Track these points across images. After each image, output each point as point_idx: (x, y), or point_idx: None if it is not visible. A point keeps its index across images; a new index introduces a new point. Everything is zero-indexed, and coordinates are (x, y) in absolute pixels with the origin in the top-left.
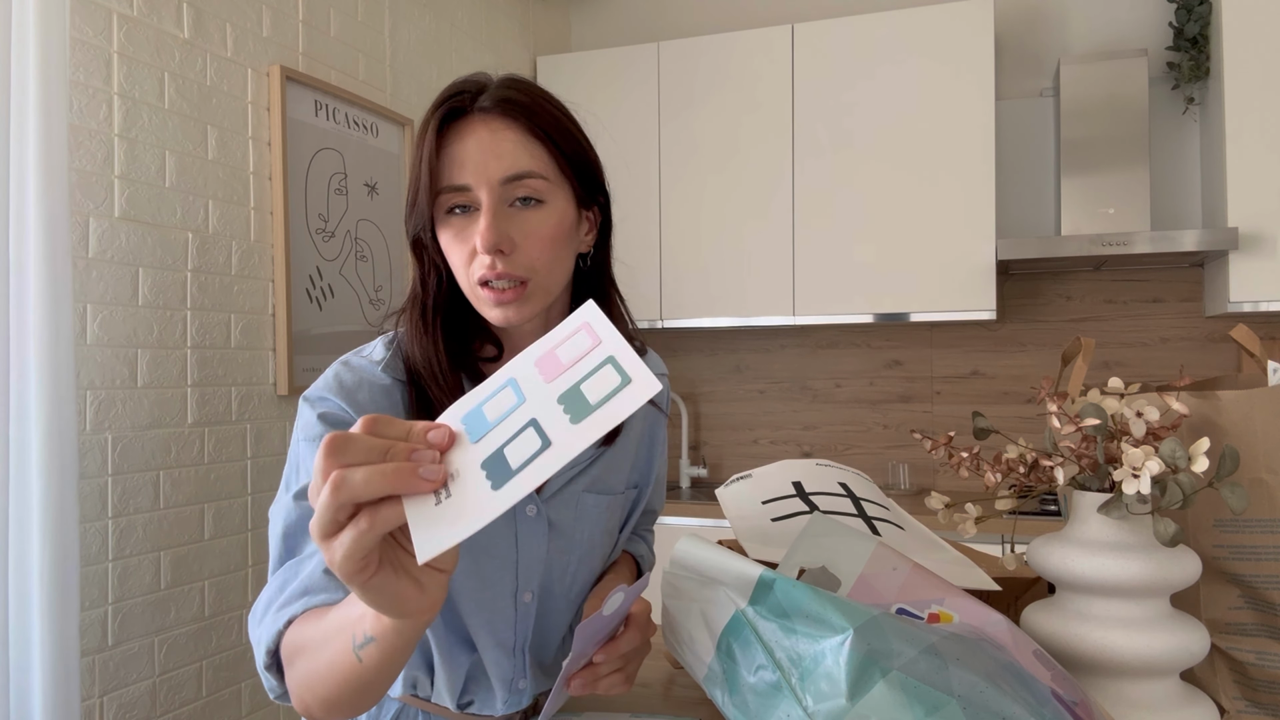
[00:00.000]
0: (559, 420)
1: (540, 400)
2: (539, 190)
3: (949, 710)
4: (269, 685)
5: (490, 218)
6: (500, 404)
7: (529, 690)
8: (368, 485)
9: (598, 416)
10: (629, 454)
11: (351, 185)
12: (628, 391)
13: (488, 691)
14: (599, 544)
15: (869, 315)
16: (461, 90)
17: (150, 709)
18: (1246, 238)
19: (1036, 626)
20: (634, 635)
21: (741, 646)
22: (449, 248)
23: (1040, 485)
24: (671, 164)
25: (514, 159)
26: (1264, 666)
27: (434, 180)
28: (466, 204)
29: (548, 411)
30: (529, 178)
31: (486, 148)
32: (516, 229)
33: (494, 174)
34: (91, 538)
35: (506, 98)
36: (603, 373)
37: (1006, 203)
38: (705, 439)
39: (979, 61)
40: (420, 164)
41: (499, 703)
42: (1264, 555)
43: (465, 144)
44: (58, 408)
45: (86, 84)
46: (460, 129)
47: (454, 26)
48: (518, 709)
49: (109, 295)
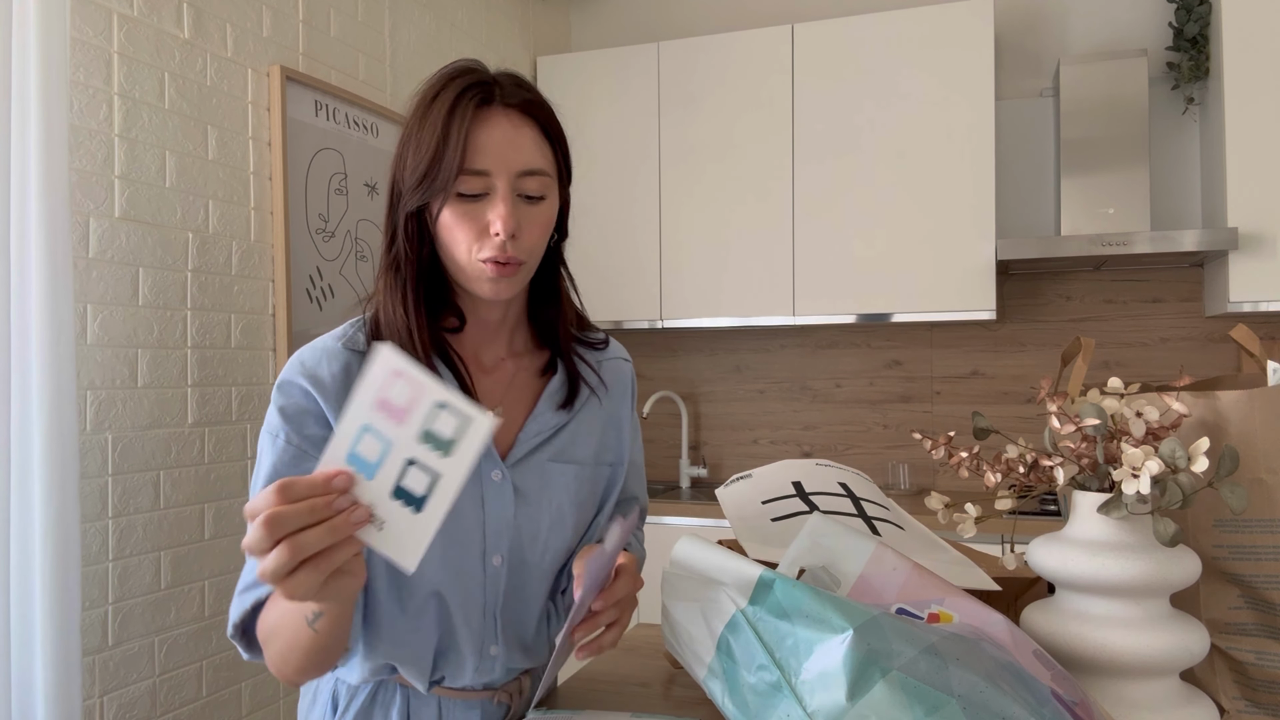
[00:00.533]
0: (432, 456)
1: (405, 441)
2: (544, 186)
3: (949, 710)
4: (240, 649)
5: (509, 205)
6: (370, 447)
7: (501, 660)
8: (318, 542)
9: (463, 447)
10: (594, 429)
11: (352, 185)
12: (473, 428)
13: (458, 660)
14: (569, 514)
15: (869, 315)
16: (481, 78)
17: (150, 709)
18: (1246, 238)
19: (1036, 626)
20: (628, 580)
21: (741, 646)
22: (453, 224)
23: (1040, 485)
24: (671, 164)
25: (530, 155)
26: (1264, 666)
27: (463, 160)
28: (481, 190)
29: (418, 450)
30: (539, 174)
31: (510, 140)
32: (522, 218)
33: (513, 166)
34: (92, 538)
35: (529, 99)
36: (442, 415)
37: (1006, 203)
38: (705, 439)
39: (979, 61)
40: (445, 142)
41: (469, 669)
42: (1263, 555)
43: (490, 133)
44: (58, 408)
45: (87, 84)
46: (485, 117)
47: (454, 27)
48: (489, 680)
49: (109, 295)
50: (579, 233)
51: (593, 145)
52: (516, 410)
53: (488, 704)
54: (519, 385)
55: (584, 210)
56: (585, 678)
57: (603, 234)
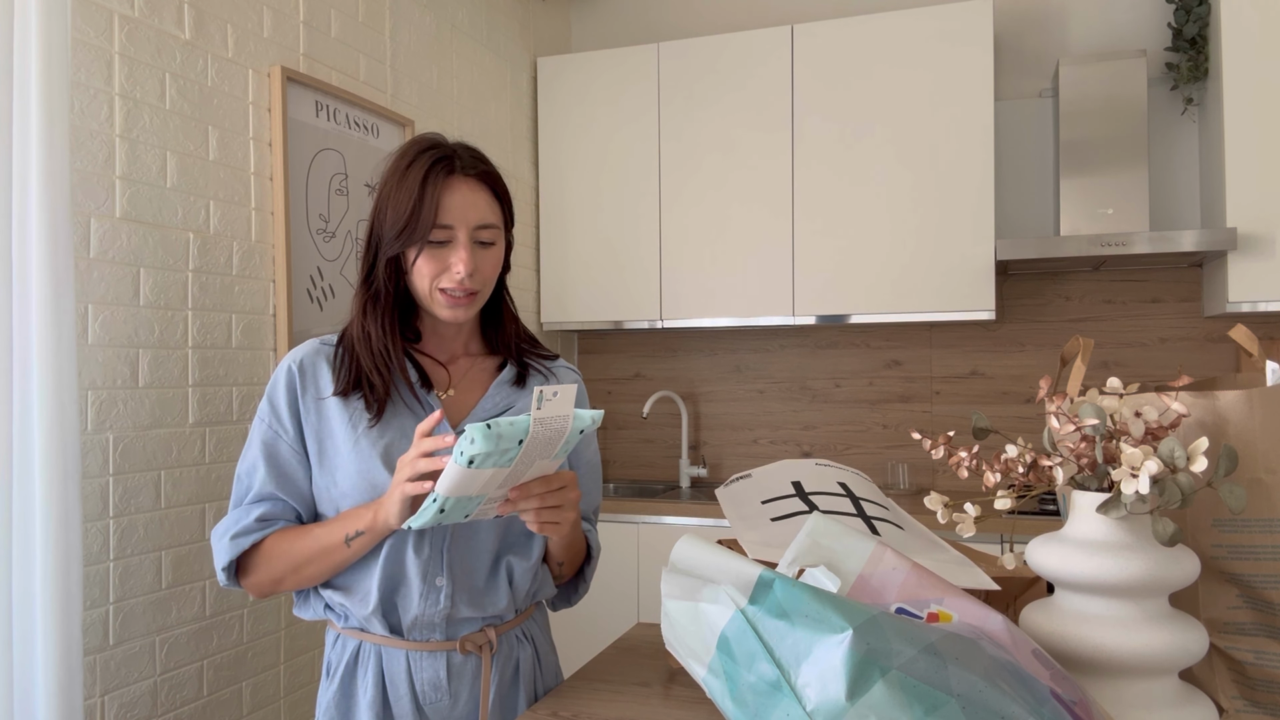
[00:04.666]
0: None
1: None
2: (495, 235)
3: (948, 709)
4: (221, 576)
5: (469, 251)
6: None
7: (446, 593)
8: (430, 467)
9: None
10: None
11: (352, 186)
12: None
13: (406, 590)
14: None
15: (868, 315)
16: (445, 152)
17: (151, 708)
18: (1245, 238)
19: (1035, 626)
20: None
21: (741, 646)
22: (422, 265)
23: (1039, 485)
24: (671, 164)
25: (483, 213)
26: (1262, 666)
27: (435, 216)
28: (446, 239)
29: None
30: (491, 228)
31: (469, 202)
32: (479, 260)
33: (471, 221)
34: (93, 537)
35: (485, 170)
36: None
37: (1006, 203)
38: (705, 439)
39: (978, 62)
40: (420, 203)
41: (415, 595)
42: (1262, 555)
43: (454, 196)
44: (59, 408)
45: (88, 84)
46: (450, 183)
47: (454, 27)
48: (435, 610)
49: (110, 295)
50: (580, 233)
51: (593, 145)
52: (472, 393)
53: (454, 655)
54: (474, 374)
55: (584, 210)
56: (586, 677)
57: (603, 234)
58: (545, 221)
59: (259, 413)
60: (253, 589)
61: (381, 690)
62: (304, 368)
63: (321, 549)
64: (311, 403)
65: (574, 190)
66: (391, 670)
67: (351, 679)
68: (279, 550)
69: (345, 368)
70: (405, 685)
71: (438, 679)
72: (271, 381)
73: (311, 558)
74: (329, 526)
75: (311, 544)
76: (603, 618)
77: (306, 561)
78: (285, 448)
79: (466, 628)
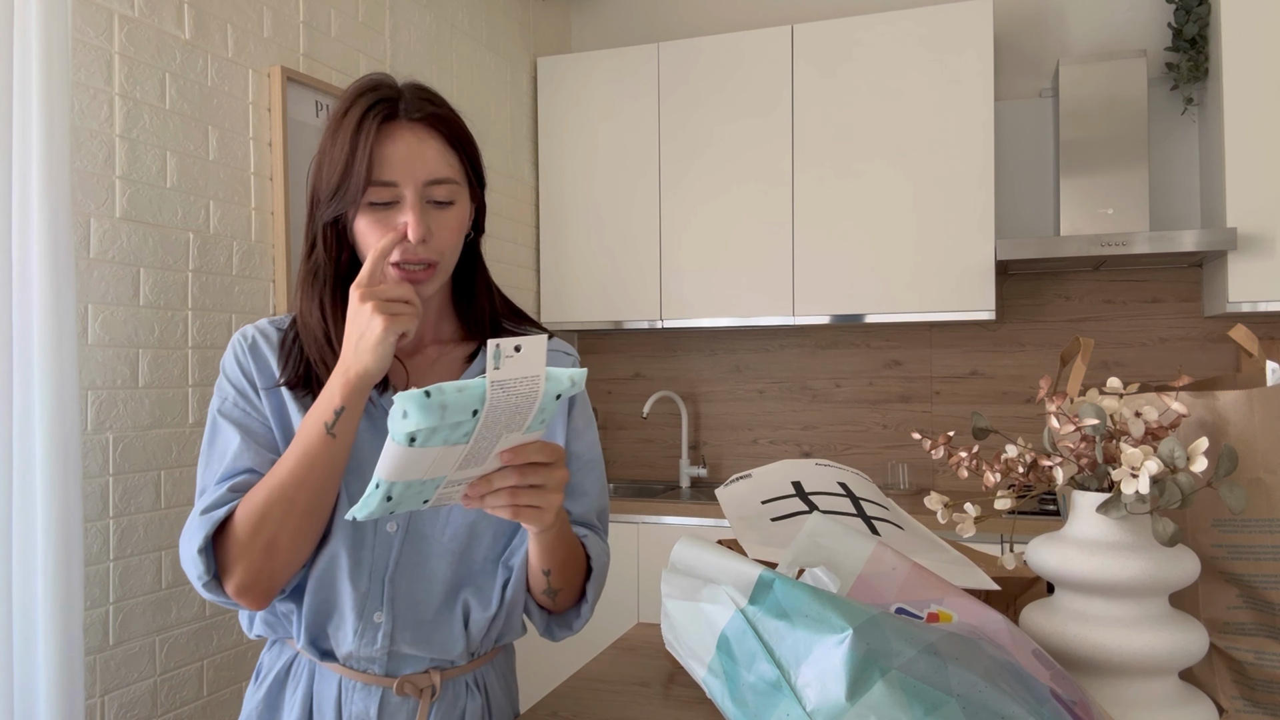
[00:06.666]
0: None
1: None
2: (452, 192)
3: (948, 710)
4: (199, 571)
5: (418, 213)
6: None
7: (385, 631)
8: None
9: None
10: None
11: None
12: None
13: (339, 620)
14: None
15: (868, 315)
16: (386, 94)
17: (151, 708)
18: (1245, 238)
19: (1035, 626)
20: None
21: (741, 646)
22: (366, 232)
23: (1039, 485)
24: (671, 164)
25: (435, 166)
26: (1262, 666)
27: (369, 173)
28: (391, 199)
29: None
30: (446, 183)
31: (414, 153)
32: (433, 222)
33: (420, 176)
34: (93, 537)
35: (434, 112)
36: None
37: (1006, 203)
38: (705, 439)
39: (978, 62)
40: (353, 156)
41: (349, 631)
42: (1262, 555)
43: (396, 146)
44: (60, 408)
45: (88, 84)
46: (390, 131)
47: (454, 27)
48: (372, 649)
49: (110, 295)
50: (580, 233)
51: (593, 145)
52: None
53: (389, 693)
54: (442, 366)
55: (584, 210)
56: (586, 677)
57: (603, 234)
58: (545, 221)
59: (218, 402)
60: (242, 590)
61: (308, 713)
62: (253, 350)
63: (304, 459)
64: (263, 392)
65: (574, 190)
66: (320, 694)
67: (280, 692)
68: (253, 503)
69: (292, 357)
70: (333, 713)
71: (367, 714)
72: (221, 367)
73: (297, 480)
74: (299, 436)
75: (289, 464)
76: (603, 618)
77: (293, 487)
78: (258, 424)
79: (410, 665)
